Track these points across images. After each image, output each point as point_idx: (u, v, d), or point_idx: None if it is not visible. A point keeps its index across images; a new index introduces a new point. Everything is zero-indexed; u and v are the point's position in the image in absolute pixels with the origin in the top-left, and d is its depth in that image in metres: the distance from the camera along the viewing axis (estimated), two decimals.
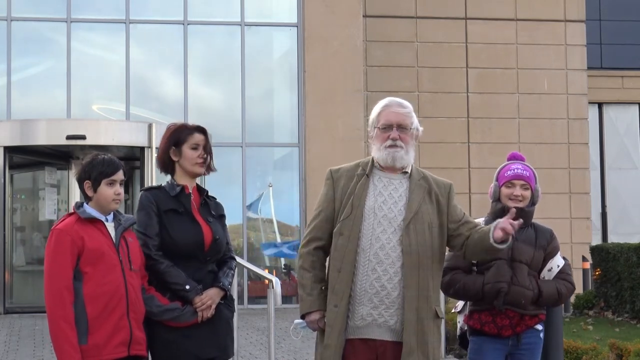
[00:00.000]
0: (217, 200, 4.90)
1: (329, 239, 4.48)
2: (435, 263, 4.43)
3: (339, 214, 4.44)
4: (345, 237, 4.39)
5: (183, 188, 4.69)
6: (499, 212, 5.04)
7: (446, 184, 4.57)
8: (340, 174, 4.54)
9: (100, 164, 4.40)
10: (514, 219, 4.35)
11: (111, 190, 4.39)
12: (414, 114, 4.54)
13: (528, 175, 5.08)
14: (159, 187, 4.74)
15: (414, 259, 4.34)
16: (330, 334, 4.36)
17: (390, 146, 4.45)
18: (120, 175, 4.43)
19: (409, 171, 4.50)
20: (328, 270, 4.49)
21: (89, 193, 4.40)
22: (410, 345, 4.30)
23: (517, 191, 5.04)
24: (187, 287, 4.55)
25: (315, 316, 4.44)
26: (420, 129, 4.58)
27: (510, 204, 5.02)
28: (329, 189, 4.53)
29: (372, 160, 4.53)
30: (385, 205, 4.41)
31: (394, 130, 4.46)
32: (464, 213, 4.56)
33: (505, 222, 4.32)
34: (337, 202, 4.47)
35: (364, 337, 4.36)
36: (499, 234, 4.30)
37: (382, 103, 4.56)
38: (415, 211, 4.39)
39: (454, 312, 5.47)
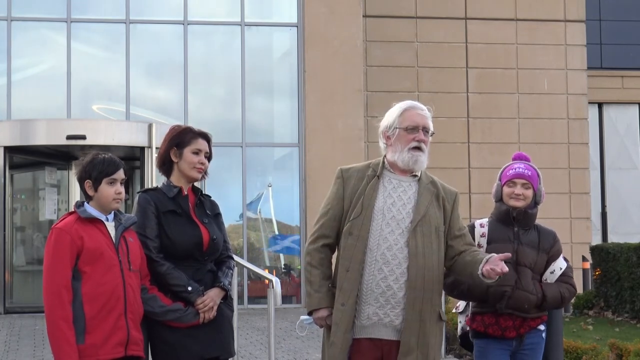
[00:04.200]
0: (212, 198, 4.91)
1: (336, 237, 4.51)
2: (440, 266, 4.47)
3: (349, 213, 4.46)
4: (355, 237, 4.41)
5: (180, 190, 4.71)
6: (503, 214, 5.03)
7: (453, 191, 4.62)
8: (350, 174, 4.55)
9: (101, 163, 4.40)
10: (503, 254, 4.35)
11: (112, 190, 4.39)
12: None
13: (530, 174, 5.05)
14: (156, 189, 4.75)
15: (420, 261, 4.37)
16: (337, 332, 4.39)
17: (415, 148, 4.49)
18: (121, 175, 4.42)
19: (419, 175, 4.53)
20: (335, 268, 4.50)
21: (90, 192, 4.40)
22: (409, 345, 4.33)
23: (518, 190, 5.03)
24: (190, 288, 4.56)
25: (323, 313, 4.47)
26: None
27: (511, 202, 5.02)
28: (338, 187, 4.54)
29: (383, 162, 4.53)
30: (394, 207, 4.43)
31: (420, 132, 4.50)
32: (465, 227, 4.62)
33: (496, 260, 4.31)
34: (347, 201, 4.48)
35: (371, 336, 4.38)
36: (488, 270, 4.32)
37: (403, 105, 4.58)
38: (423, 214, 4.42)
39: (454, 312, 5.47)
